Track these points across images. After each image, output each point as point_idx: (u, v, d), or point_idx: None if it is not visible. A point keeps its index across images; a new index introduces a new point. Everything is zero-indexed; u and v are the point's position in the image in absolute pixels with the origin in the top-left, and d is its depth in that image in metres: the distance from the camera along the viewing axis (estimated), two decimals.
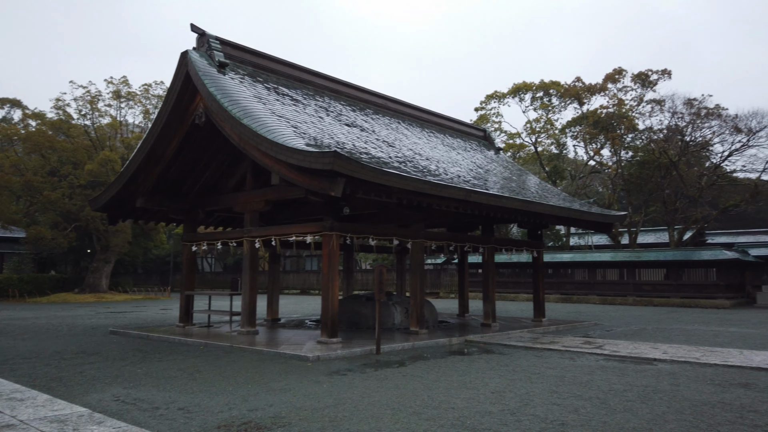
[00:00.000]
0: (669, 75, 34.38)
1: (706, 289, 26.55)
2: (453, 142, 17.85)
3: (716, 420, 5.47)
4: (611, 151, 36.12)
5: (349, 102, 15.03)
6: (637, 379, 7.60)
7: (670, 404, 6.13)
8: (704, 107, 32.36)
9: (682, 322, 16.93)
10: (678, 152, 32.23)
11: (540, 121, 38.37)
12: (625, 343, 11.46)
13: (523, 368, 8.54)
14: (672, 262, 27.99)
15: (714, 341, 12.00)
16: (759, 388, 7.01)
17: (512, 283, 32.62)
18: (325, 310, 10.86)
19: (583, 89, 36.75)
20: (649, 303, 27.08)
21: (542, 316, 16.60)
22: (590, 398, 6.42)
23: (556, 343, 11.46)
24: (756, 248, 30.96)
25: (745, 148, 32.13)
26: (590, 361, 9.26)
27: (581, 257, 31.42)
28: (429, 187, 10.66)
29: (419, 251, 12.76)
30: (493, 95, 38.74)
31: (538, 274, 17.10)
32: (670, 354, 9.89)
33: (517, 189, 15.54)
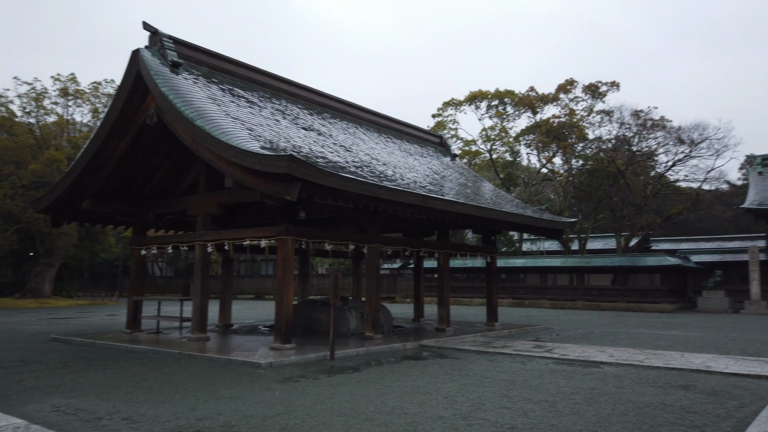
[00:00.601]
0: (617, 87, 35.70)
1: (651, 294, 27.62)
2: (410, 147, 17.98)
3: (658, 421, 5.68)
4: (563, 160, 37.21)
5: (307, 105, 14.94)
6: (585, 382, 7.82)
7: (615, 406, 6.33)
8: (650, 119, 33.77)
9: (627, 326, 17.53)
10: (625, 161, 33.48)
11: (495, 129, 39.16)
12: (574, 347, 11.78)
13: (476, 372, 8.65)
14: (619, 267, 28.99)
15: (657, 344, 12.47)
16: (698, 390, 7.33)
17: (467, 288, 33.05)
18: (279, 315, 10.73)
19: (536, 99, 37.72)
20: (597, 307, 27.94)
21: (495, 320, 16.88)
22: (539, 401, 6.56)
23: (508, 347, 11.68)
24: (697, 255, 32.41)
25: (687, 158, 33.68)
26: (540, 365, 9.46)
27: (533, 262, 32.17)
28: (385, 192, 10.70)
29: (375, 256, 12.77)
30: (450, 102, 39.29)
31: (492, 279, 17.39)
32: (615, 357, 10.23)
33: (472, 195, 15.78)
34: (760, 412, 5.96)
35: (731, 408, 6.27)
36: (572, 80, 36.60)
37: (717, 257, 31.59)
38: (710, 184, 36.43)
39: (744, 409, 6.22)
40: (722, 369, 8.91)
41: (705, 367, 9.13)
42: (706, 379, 8.11)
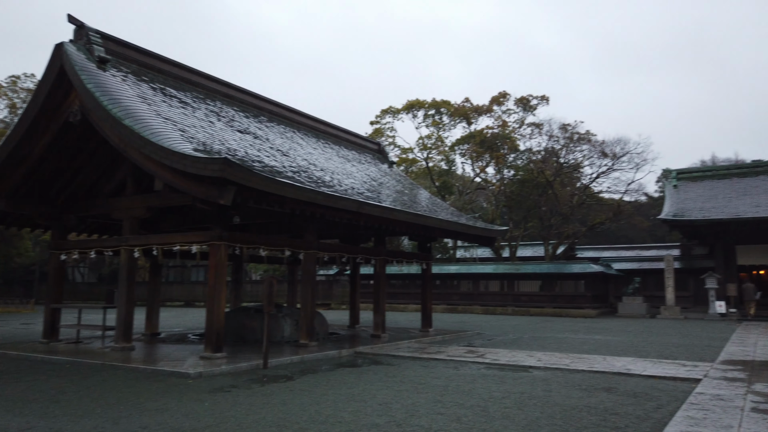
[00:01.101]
0: (547, 101, 37.26)
1: (576, 300, 28.86)
2: (348, 154, 17.97)
3: (583, 423, 5.91)
4: (495, 169, 38.34)
5: (243, 108, 14.62)
6: (515, 386, 8.05)
7: (543, 410, 6.54)
8: (576, 132, 35.43)
9: (554, 331, 18.22)
10: (553, 173, 34.94)
11: (431, 138, 39.84)
12: (505, 352, 12.11)
13: (410, 378, 8.71)
14: (546, 274, 30.14)
15: (581, 348, 13.02)
16: (619, 392, 7.70)
17: (402, 294, 33.32)
18: (210, 323, 10.39)
19: (471, 110, 38.73)
20: (526, 312, 28.89)
21: (429, 326, 17.09)
22: (472, 406, 6.68)
23: (441, 353, 11.85)
24: (618, 262, 34.20)
25: (610, 171, 35.58)
26: (473, 370, 9.66)
27: (466, 269, 32.88)
28: (323, 198, 10.62)
29: (311, 262, 12.64)
30: (388, 110, 39.65)
31: (427, 285, 17.62)
32: (543, 361, 10.59)
33: (408, 202, 15.95)
34: (676, 413, 6.32)
35: (650, 409, 6.63)
36: (505, 93, 37.88)
37: (636, 265, 33.46)
38: (630, 196, 38.67)
39: (661, 409, 6.59)
40: (641, 371, 9.41)
41: (626, 369, 9.62)
42: (627, 382, 8.54)
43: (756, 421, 5.88)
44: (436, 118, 39.31)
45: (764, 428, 5.60)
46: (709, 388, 7.90)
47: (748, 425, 5.72)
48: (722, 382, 8.35)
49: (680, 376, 8.92)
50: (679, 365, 10.20)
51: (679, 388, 7.96)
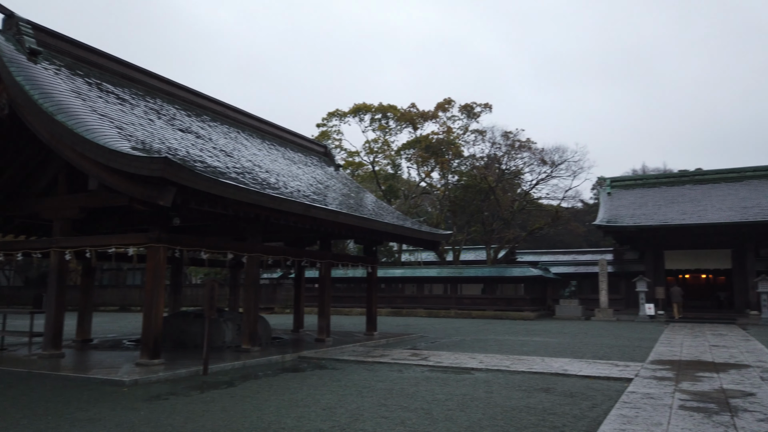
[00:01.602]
0: (490, 108, 38.18)
1: (515, 303, 29.65)
2: (294, 156, 17.78)
3: (523, 423, 6.06)
4: (440, 175, 38.95)
5: (185, 106, 14.20)
6: (458, 388, 8.16)
7: (485, 411, 6.66)
8: (518, 140, 36.51)
9: (495, 333, 18.63)
10: (496, 179, 35.83)
11: (378, 142, 40.04)
12: (448, 354, 12.28)
13: (355, 382, 8.68)
14: (488, 278, 30.82)
15: (521, 350, 13.38)
16: (557, 392, 7.95)
17: (347, 298, 33.23)
18: (147, 328, 10.00)
19: (417, 115, 39.18)
20: (468, 315, 29.42)
21: (374, 329, 17.12)
22: (416, 409, 6.72)
23: (386, 356, 11.88)
24: (555, 266, 35.39)
25: (549, 178, 36.89)
26: (417, 373, 9.73)
27: (411, 273, 33.18)
28: (268, 201, 10.45)
29: (255, 265, 12.40)
30: (334, 113, 39.54)
31: (372, 288, 17.65)
32: (485, 363, 10.81)
33: (355, 206, 15.93)
34: (610, 411, 6.59)
35: (585, 408, 6.87)
36: (450, 100, 38.55)
37: (572, 269, 34.73)
38: (568, 202, 40.24)
39: (596, 408, 6.85)
40: (577, 372, 9.76)
41: (563, 370, 9.94)
42: (564, 382, 8.83)
43: (683, 418, 6.21)
44: (383, 122, 39.55)
45: (691, 425, 5.92)
46: (640, 387, 8.27)
47: (676, 422, 6.03)
48: (652, 381, 8.77)
49: (613, 376, 9.31)
50: (612, 365, 10.64)
51: (612, 388, 8.30)
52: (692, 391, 7.93)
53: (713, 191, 30.70)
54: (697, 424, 5.94)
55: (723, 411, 6.57)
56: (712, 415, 6.33)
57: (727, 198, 29.51)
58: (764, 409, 6.70)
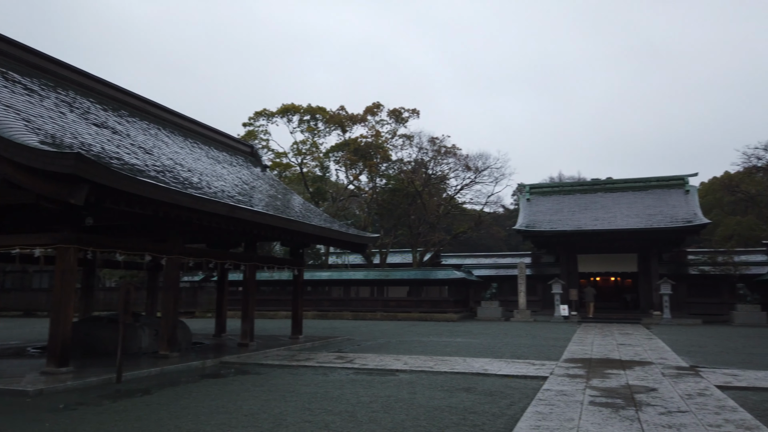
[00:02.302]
0: (418, 114, 38.88)
1: (440, 305, 30.29)
2: (218, 155, 17.27)
3: (445, 423, 6.20)
4: (368, 178, 39.17)
5: (101, 100, 13.46)
6: (382, 390, 8.23)
7: (408, 412, 6.76)
8: (444, 146, 37.40)
9: (420, 335, 18.94)
10: (422, 183, 36.48)
11: (306, 144, 39.70)
12: (373, 356, 12.35)
13: (279, 387, 8.55)
14: (414, 280, 31.29)
15: (444, 351, 13.68)
16: (478, 391, 8.19)
17: (272, 301, 32.66)
18: (55, 334, 9.37)
19: (346, 118, 39.22)
20: (394, 317, 29.73)
21: (300, 333, 16.93)
22: (340, 412, 6.71)
23: (311, 360, 11.78)
24: (478, 269, 36.47)
25: (473, 183, 38.04)
26: (342, 376, 9.72)
27: (338, 275, 33.10)
28: (189, 201, 10.09)
29: (175, 268, 11.93)
30: (262, 113, 38.80)
31: (298, 291, 17.44)
32: (409, 364, 10.96)
33: (281, 208, 15.70)
34: (526, 409, 6.87)
35: (504, 406, 7.13)
36: (379, 104, 38.90)
37: (493, 271, 35.93)
38: (490, 207, 41.65)
39: (514, 406, 7.12)
40: (497, 371, 10.10)
41: (483, 370, 10.27)
42: (484, 381, 9.12)
43: (593, 413, 6.58)
44: (312, 124, 39.27)
45: (600, 419, 6.28)
46: (555, 384, 8.69)
47: (587, 417, 6.38)
48: (565, 379, 9.24)
49: (530, 375, 9.72)
50: (530, 364, 11.11)
51: (529, 386, 8.66)
52: (601, 387, 8.42)
53: (622, 199, 32.79)
54: (606, 418, 6.31)
55: (629, 406, 7.02)
56: (619, 410, 6.75)
57: (634, 206, 31.61)
58: (665, 403, 7.23)
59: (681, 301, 29.92)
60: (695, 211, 29.70)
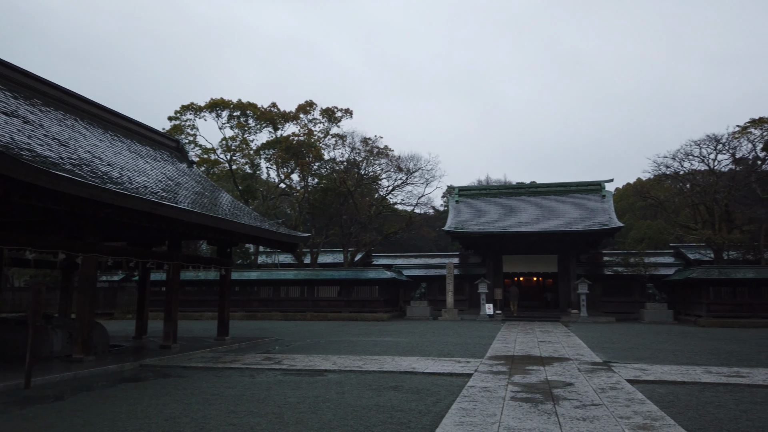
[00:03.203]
0: (351, 114, 38.85)
1: (370, 304, 30.44)
2: (141, 149, 16.53)
3: (372, 422, 6.25)
4: (300, 177, 38.72)
5: (10, 87, 12.55)
6: (310, 391, 8.18)
7: (336, 412, 6.75)
8: (376, 146, 37.59)
9: (349, 334, 18.96)
10: (355, 183, 36.52)
11: (236, 140, 38.69)
12: (302, 357, 12.24)
13: (202, 390, 8.30)
14: (345, 280, 31.28)
15: (373, 350, 13.77)
16: (405, 390, 8.31)
17: (198, 302, 31.66)
18: None
19: (278, 115, 38.60)
20: (324, 318, 29.59)
21: (226, 334, 16.51)
22: (266, 414, 6.61)
23: (237, 362, 11.52)
24: (408, 269, 36.94)
25: (404, 184, 38.46)
26: (269, 377, 9.57)
27: (267, 275, 32.53)
28: (109, 196, 9.60)
29: (92, 267, 11.31)
30: (189, 106, 37.46)
31: (225, 291, 17.00)
32: (338, 364, 10.95)
33: (209, 205, 15.25)
34: (451, 405, 7.04)
35: (430, 403, 7.27)
36: (311, 102, 38.54)
37: (423, 271, 36.52)
38: (421, 209, 42.31)
39: (440, 403, 7.27)
40: (424, 369, 10.29)
41: (411, 368, 10.42)
42: (412, 380, 9.26)
43: (514, 408, 6.84)
44: (242, 120, 38.31)
45: (520, 414, 6.54)
46: (479, 381, 8.96)
47: (508, 412, 6.62)
48: (489, 376, 9.54)
49: (456, 372, 9.96)
50: (456, 362, 11.39)
51: (455, 383, 8.87)
52: (522, 383, 8.76)
53: (544, 202, 34.25)
54: (526, 413, 6.58)
55: (547, 400, 7.35)
56: (538, 405, 7.05)
57: (555, 209, 33.10)
58: (580, 397, 7.62)
59: (597, 300, 31.65)
60: (610, 215, 31.49)
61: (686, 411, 6.79)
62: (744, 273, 26.04)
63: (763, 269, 26.55)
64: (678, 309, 29.10)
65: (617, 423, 6.07)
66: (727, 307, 25.83)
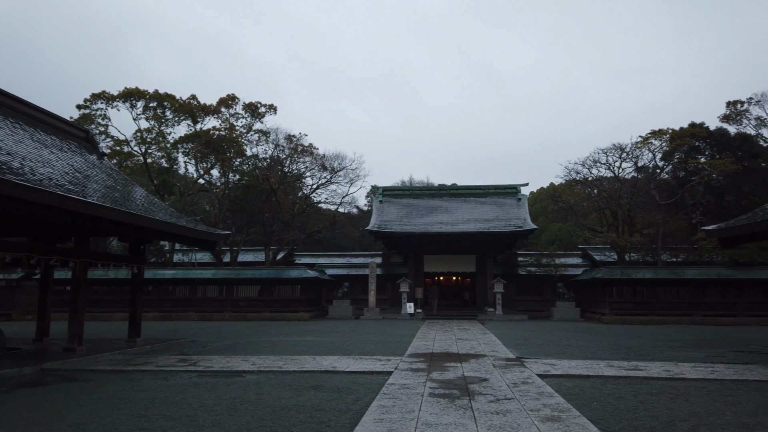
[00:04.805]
0: (275, 110, 38.21)
1: (292, 304, 30.08)
2: (46, 138, 15.42)
3: (291, 422, 6.19)
4: (220, 172, 37.59)
5: None
6: (227, 392, 7.97)
7: (254, 413, 6.63)
8: (301, 144, 37.20)
9: (270, 335, 18.65)
10: (278, 181, 35.94)
11: (152, 132, 36.95)
12: (219, 358, 11.90)
13: (111, 394, 7.88)
14: (266, 279, 30.71)
15: (294, 350, 13.62)
16: (326, 389, 8.29)
17: (107, 302, 29.98)
18: None
19: (198, 108, 37.27)
20: (244, 318, 28.90)
21: (138, 335, 15.75)
22: (180, 417, 6.38)
23: (150, 364, 11.03)
24: (331, 268, 36.87)
25: (328, 183, 38.31)
26: (184, 379, 9.23)
27: (184, 274, 31.34)
28: (9, 188, 8.89)
29: None
30: (101, 95, 35.34)
31: (137, 291, 16.22)
32: (257, 365, 10.75)
33: (120, 200, 14.47)
34: (371, 403, 7.11)
35: (350, 402, 7.30)
36: (234, 96, 37.54)
37: (346, 271, 36.57)
38: (345, 208, 42.33)
39: (360, 401, 7.32)
40: (345, 368, 10.31)
41: (332, 367, 10.41)
42: (332, 379, 9.25)
43: (432, 404, 7.01)
44: (159, 111, 36.63)
45: (438, 410, 6.71)
46: (399, 379, 9.10)
47: (426, 408, 6.78)
48: (408, 373, 9.71)
49: (376, 370, 10.06)
50: (376, 360, 11.50)
51: (375, 381, 8.96)
52: (440, 379, 9.00)
53: (464, 204, 35.29)
54: (443, 408, 6.76)
55: (463, 396, 7.59)
56: (454, 400, 7.27)
57: (474, 211, 34.19)
58: (494, 392, 7.93)
59: (511, 298, 33.03)
60: (525, 218, 32.95)
61: (590, 403, 7.24)
62: (643, 273, 28.09)
63: (660, 270, 28.78)
64: (585, 307, 30.93)
65: (528, 416, 6.38)
66: (628, 305, 27.74)
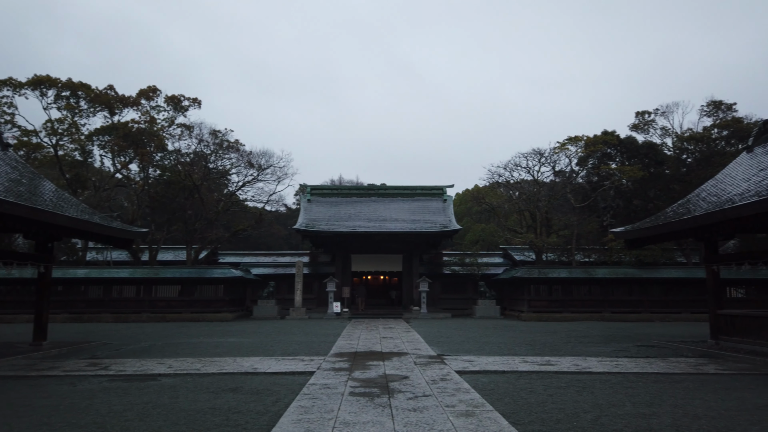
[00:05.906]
0: (199, 104, 36.96)
1: (214, 304, 29.26)
2: None
3: (206, 425, 6.04)
4: (140, 167, 35.91)
5: None
6: (139, 397, 7.66)
7: (167, 417, 6.41)
8: (226, 140, 36.24)
9: (189, 336, 18.05)
10: (201, 177, 34.82)
11: (64, 123, 34.70)
12: (133, 361, 11.40)
13: (10, 401, 7.37)
14: (187, 279, 29.68)
15: (214, 352, 13.27)
16: (245, 391, 8.15)
17: (11, 303, 27.96)
18: None
19: (115, 99, 35.44)
20: (163, 319, 27.80)
21: (44, 338, 14.80)
22: (86, 425, 6.08)
23: (56, 368, 10.40)
24: (256, 268, 36.15)
25: (255, 181, 37.55)
26: (93, 384, 8.78)
27: (97, 273, 29.72)
28: None
29: None
30: (7, 82, 32.78)
31: (44, 291, 15.23)
32: (174, 368, 10.39)
33: (26, 194, 13.53)
34: (291, 404, 7.06)
35: (269, 403, 7.22)
36: (155, 88, 35.99)
37: (272, 270, 35.98)
38: (272, 206, 41.61)
39: (279, 403, 7.25)
40: (266, 369, 10.17)
41: (253, 369, 10.24)
42: (252, 380, 9.10)
43: (351, 403, 7.06)
44: (72, 101, 34.46)
45: (357, 408, 6.77)
46: (320, 378, 9.09)
47: (345, 407, 6.82)
48: (331, 373, 9.72)
49: (298, 371, 10.00)
50: (299, 360, 11.42)
51: (296, 382, 8.90)
52: (362, 378, 9.07)
53: (392, 204, 35.69)
54: (362, 407, 6.83)
55: (383, 394, 7.70)
56: (374, 398, 7.36)
57: (401, 211, 34.66)
58: (413, 389, 8.09)
59: (436, 297, 33.75)
60: (450, 218, 33.78)
61: (503, 398, 7.55)
62: (558, 273, 29.54)
63: (574, 270, 30.38)
64: (505, 305, 32.13)
65: (444, 411, 6.57)
66: (544, 303, 29.08)
